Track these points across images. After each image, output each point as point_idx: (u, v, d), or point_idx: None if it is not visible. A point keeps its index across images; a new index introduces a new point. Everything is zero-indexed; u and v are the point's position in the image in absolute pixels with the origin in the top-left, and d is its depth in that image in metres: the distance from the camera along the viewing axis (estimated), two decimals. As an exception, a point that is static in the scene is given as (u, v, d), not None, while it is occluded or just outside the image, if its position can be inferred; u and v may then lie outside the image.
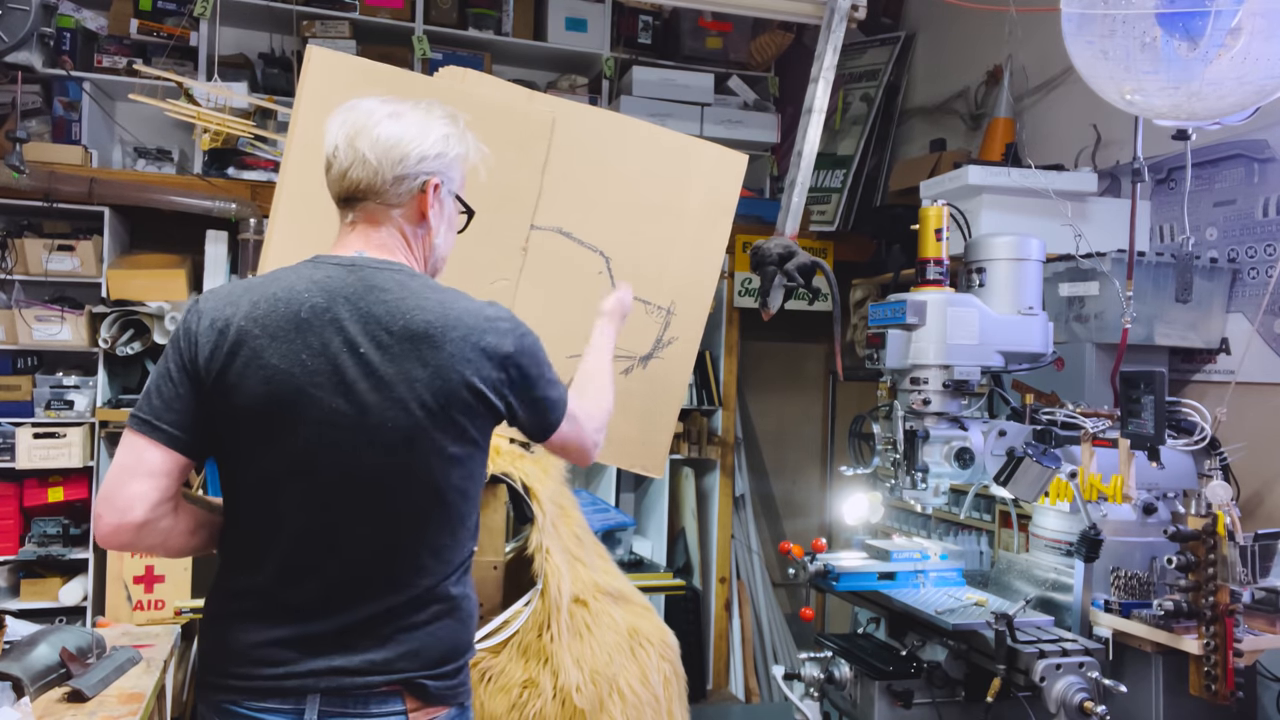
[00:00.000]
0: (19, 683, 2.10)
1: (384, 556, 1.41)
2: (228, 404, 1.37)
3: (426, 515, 1.42)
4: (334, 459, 1.37)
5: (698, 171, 2.49)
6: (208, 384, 1.37)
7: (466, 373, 1.40)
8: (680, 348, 2.52)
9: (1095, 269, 2.71)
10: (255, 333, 1.37)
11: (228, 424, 1.39)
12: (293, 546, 1.40)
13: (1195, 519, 2.02)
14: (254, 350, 1.36)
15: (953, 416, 2.33)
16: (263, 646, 1.38)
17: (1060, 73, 3.47)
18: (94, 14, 3.95)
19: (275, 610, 1.40)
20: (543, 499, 2.34)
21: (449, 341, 1.39)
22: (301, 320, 1.37)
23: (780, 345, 4.73)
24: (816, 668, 2.37)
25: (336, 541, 1.39)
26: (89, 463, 3.55)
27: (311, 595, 1.40)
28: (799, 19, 3.00)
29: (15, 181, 3.38)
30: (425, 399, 1.38)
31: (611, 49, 4.45)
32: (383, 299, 1.40)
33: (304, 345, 1.37)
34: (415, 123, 1.47)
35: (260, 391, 1.36)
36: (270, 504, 1.40)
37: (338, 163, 1.45)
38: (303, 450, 1.37)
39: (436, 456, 1.40)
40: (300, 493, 1.39)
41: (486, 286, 2.34)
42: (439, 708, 1.44)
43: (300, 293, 1.40)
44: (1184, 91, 2.06)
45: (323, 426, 1.36)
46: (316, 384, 1.36)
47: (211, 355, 1.37)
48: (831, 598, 3.10)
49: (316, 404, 1.36)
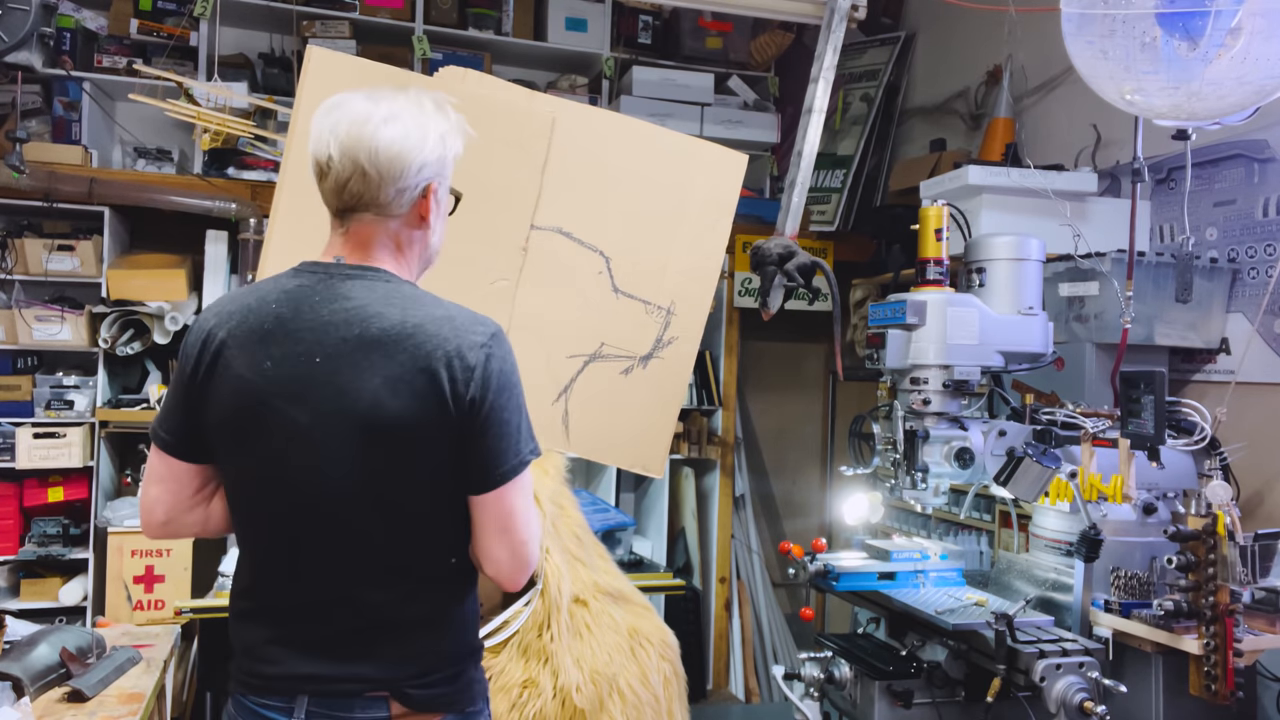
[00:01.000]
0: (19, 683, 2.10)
1: (356, 566, 1.39)
2: (207, 414, 1.42)
3: (393, 523, 1.38)
4: (297, 468, 1.37)
5: (698, 171, 2.49)
6: (195, 393, 1.42)
7: (418, 382, 1.33)
8: (680, 348, 2.52)
9: (1095, 269, 2.71)
10: (229, 343, 1.40)
11: (209, 433, 1.43)
12: (269, 553, 1.44)
13: (1195, 519, 2.02)
14: (226, 361, 1.39)
15: (953, 416, 2.33)
16: (261, 645, 1.42)
17: (1060, 73, 3.47)
18: (94, 14, 3.95)
19: (265, 611, 1.44)
20: (543, 499, 2.34)
21: (403, 351, 1.33)
22: (265, 331, 1.38)
23: (780, 345, 4.73)
24: (816, 668, 2.37)
25: (309, 550, 1.40)
26: (89, 463, 3.55)
27: (292, 601, 1.42)
28: (799, 19, 3.00)
29: (15, 181, 3.38)
30: (381, 407, 1.33)
31: (611, 49, 4.45)
32: (345, 306, 1.37)
33: (266, 355, 1.37)
34: (412, 126, 1.40)
35: (230, 402, 1.39)
36: (249, 510, 1.45)
37: (334, 174, 1.39)
38: (270, 460, 1.38)
39: (396, 470, 1.36)
40: (272, 501, 1.41)
41: (486, 286, 2.34)
42: (429, 715, 1.42)
43: (269, 303, 1.40)
44: (1184, 91, 2.06)
45: (285, 436, 1.36)
46: (276, 393, 1.36)
47: (196, 366, 1.41)
48: (831, 598, 3.10)
49: (278, 413, 1.36)
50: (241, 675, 1.44)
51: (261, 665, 1.42)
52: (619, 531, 3.67)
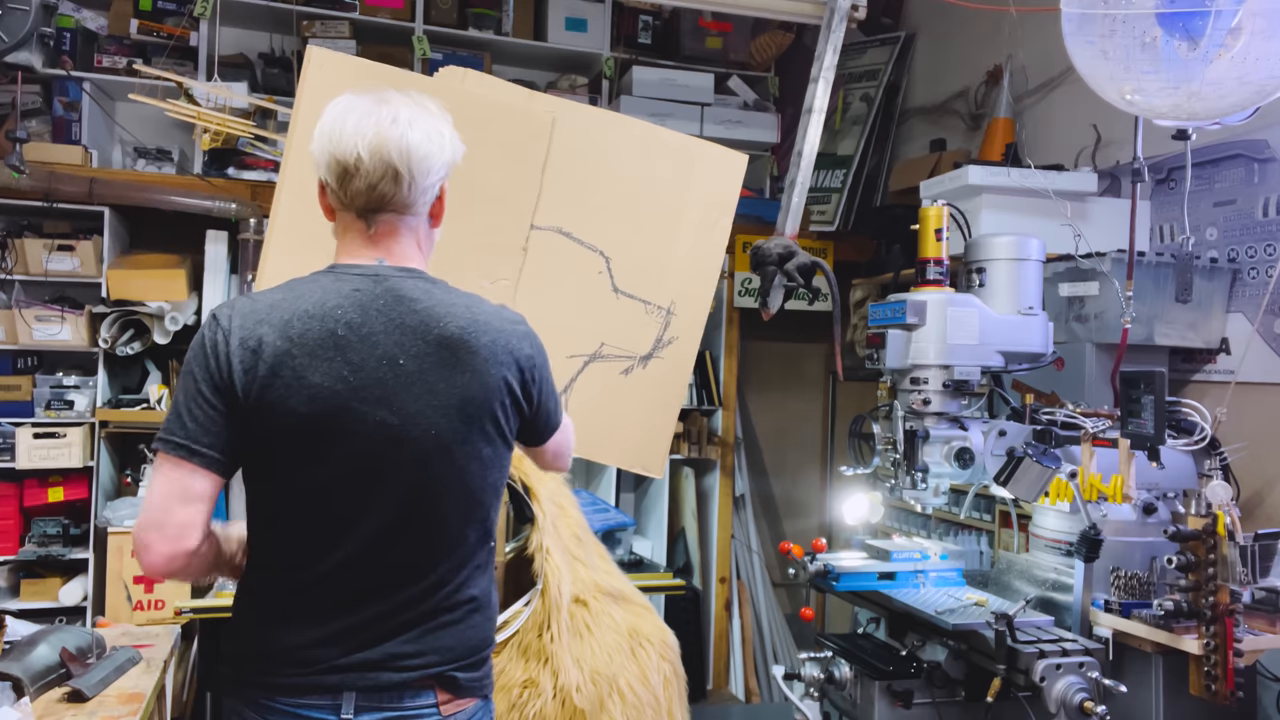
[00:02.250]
0: (19, 683, 2.10)
1: (424, 558, 1.44)
2: (269, 422, 1.37)
3: (464, 517, 1.46)
4: (378, 468, 1.40)
5: (698, 171, 2.49)
6: (245, 404, 1.36)
7: (501, 375, 1.45)
8: (680, 348, 2.52)
9: (1095, 269, 2.71)
10: (294, 352, 1.37)
11: (269, 441, 1.38)
12: (333, 552, 1.41)
13: (1195, 519, 2.02)
14: (295, 370, 1.36)
15: (953, 416, 2.33)
16: (305, 647, 1.41)
17: (1060, 73, 3.47)
18: (94, 14, 3.95)
19: (316, 611, 1.42)
20: (542, 499, 2.34)
21: (482, 346, 1.43)
22: (339, 338, 1.39)
23: (780, 345, 4.73)
24: (816, 668, 2.37)
25: (379, 546, 1.42)
26: (89, 463, 3.55)
27: (351, 596, 1.42)
28: (799, 19, 3.00)
29: (15, 181, 3.38)
30: (464, 404, 1.42)
31: (611, 49, 4.45)
32: (414, 309, 1.42)
33: (345, 362, 1.38)
34: (431, 129, 1.45)
35: (305, 410, 1.36)
36: (314, 512, 1.41)
37: (364, 174, 1.41)
38: (348, 461, 1.39)
39: (475, 460, 1.45)
40: (345, 501, 1.41)
41: (487, 286, 2.34)
42: (468, 699, 1.48)
43: (333, 309, 1.40)
44: (1184, 91, 2.06)
45: (368, 439, 1.38)
46: (361, 399, 1.38)
47: (248, 375, 1.35)
48: (831, 598, 3.10)
49: (361, 419, 1.38)
50: (276, 679, 1.41)
51: (305, 665, 1.40)
52: (619, 531, 3.67)
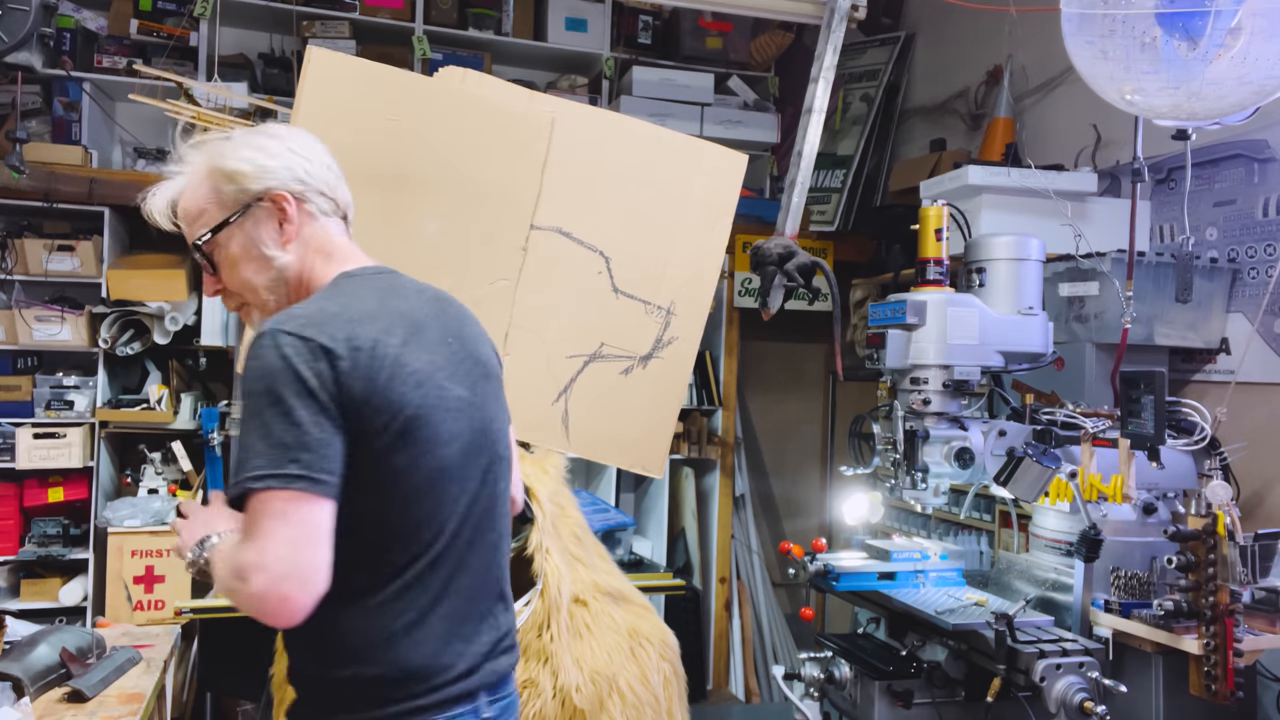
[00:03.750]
0: (19, 683, 2.10)
1: (502, 542, 1.52)
2: (380, 422, 1.31)
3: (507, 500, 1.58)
4: (473, 437, 1.45)
5: (698, 171, 2.49)
6: (356, 413, 1.29)
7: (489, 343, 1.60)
8: (680, 348, 2.52)
9: (1095, 269, 2.71)
10: (405, 352, 1.36)
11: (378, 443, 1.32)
12: (448, 547, 1.40)
13: (1195, 519, 2.02)
14: (401, 364, 1.35)
15: (953, 416, 2.33)
16: (434, 656, 1.36)
17: (1060, 73, 3.46)
18: (94, 14, 3.95)
19: (439, 616, 1.38)
20: (542, 499, 2.33)
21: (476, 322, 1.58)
22: (416, 323, 1.43)
23: (780, 345, 4.73)
24: (816, 668, 2.37)
25: (478, 538, 1.46)
26: (89, 463, 3.55)
27: (464, 593, 1.42)
28: (799, 19, 3.00)
29: (15, 181, 3.38)
30: (498, 365, 1.58)
31: (611, 49, 4.45)
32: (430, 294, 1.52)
33: (424, 347, 1.41)
34: None
35: (414, 399, 1.34)
36: (423, 512, 1.37)
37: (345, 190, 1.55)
38: (450, 443, 1.40)
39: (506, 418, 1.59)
40: (452, 484, 1.41)
41: (486, 286, 2.34)
42: None
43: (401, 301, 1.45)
44: (1184, 91, 2.06)
45: (458, 415, 1.42)
46: (445, 377, 1.42)
47: (369, 383, 1.30)
48: (831, 598, 3.10)
49: (448, 393, 1.42)
50: (411, 704, 1.34)
51: (438, 679, 1.36)
52: (619, 531, 3.67)
